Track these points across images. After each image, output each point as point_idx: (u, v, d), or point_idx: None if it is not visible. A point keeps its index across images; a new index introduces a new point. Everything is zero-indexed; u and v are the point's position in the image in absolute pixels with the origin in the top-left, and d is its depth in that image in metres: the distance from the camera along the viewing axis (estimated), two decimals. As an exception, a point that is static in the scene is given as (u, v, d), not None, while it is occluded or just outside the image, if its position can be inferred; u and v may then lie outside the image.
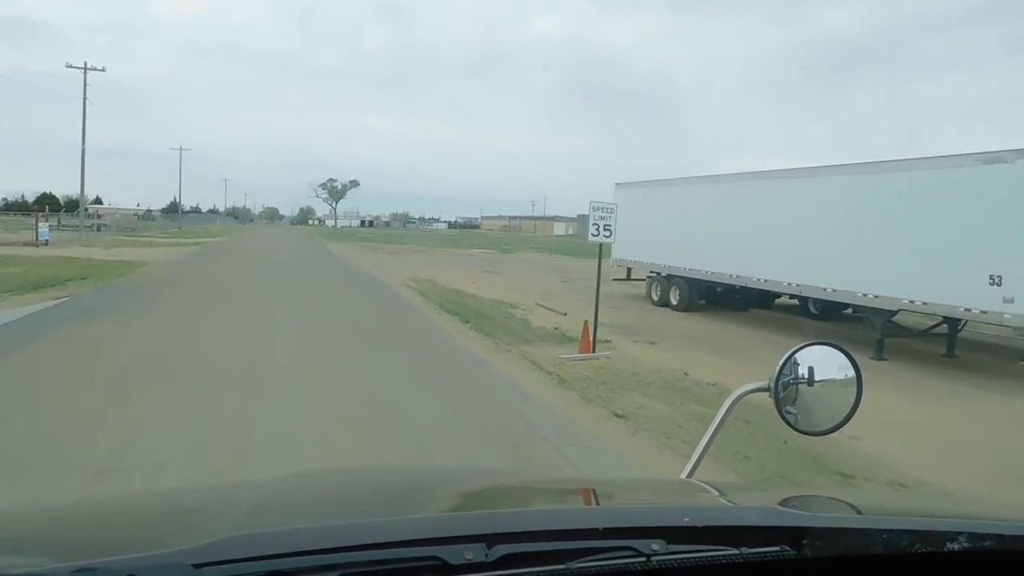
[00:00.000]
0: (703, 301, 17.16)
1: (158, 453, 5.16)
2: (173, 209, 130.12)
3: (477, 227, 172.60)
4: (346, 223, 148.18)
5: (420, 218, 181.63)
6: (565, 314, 14.56)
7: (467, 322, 13.18)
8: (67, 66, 41.91)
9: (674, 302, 17.48)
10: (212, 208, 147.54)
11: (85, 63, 42.45)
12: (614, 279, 19.77)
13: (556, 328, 12.60)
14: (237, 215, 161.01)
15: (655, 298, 18.20)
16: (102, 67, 43.82)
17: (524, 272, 28.60)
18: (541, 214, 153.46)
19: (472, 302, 16.24)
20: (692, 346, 12.01)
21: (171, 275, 20.58)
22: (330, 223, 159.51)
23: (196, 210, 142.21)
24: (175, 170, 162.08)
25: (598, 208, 10.37)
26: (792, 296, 15.26)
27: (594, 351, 10.24)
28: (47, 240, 31.72)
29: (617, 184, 19.49)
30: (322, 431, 5.95)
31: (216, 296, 15.81)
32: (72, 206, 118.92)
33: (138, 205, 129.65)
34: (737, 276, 15.26)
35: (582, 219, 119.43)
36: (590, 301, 11.46)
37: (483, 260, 36.89)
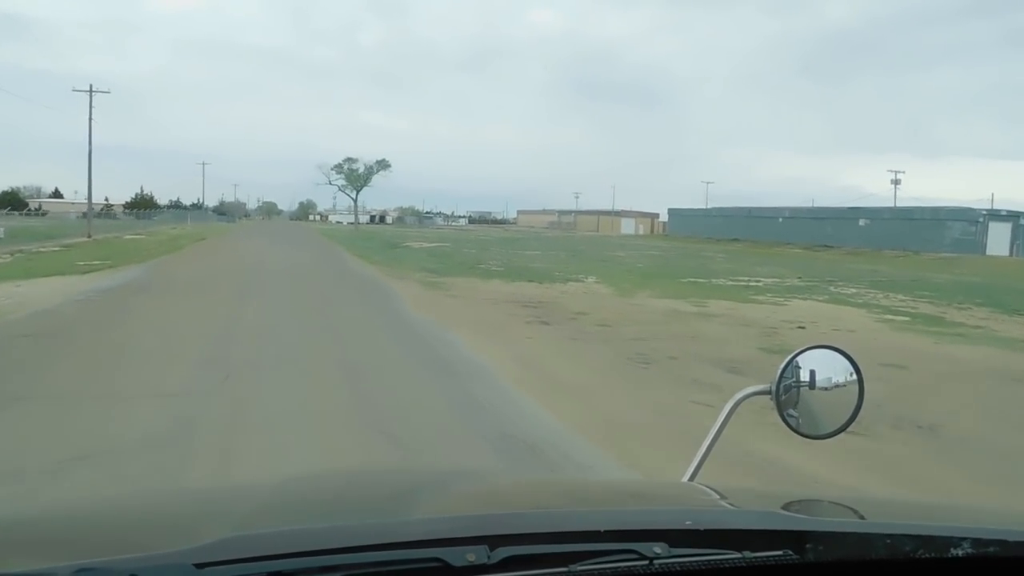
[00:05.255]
0: None
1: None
2: (141, 204, 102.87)
3: (509, 222, 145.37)
4: (350, 219, 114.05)
5: (428, 213, 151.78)
6: None
7: None
8: None
9: None
10: (196, 202, 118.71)
11: None
12: None
13: None
14: (225, 211, 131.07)
15: None
16: None
17: None
18: (590, 207, 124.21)
19: None
20: None
21: None
22: (334, 219, 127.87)
23: (176, 205, 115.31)
24: (165, 167, 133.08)
25: None
26: None
27: None
28: None
29: None
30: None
31: None
32: (9, 200, 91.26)
33: (106, 199, 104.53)
34: None
35: (675, 214, 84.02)
36: None
37: None
